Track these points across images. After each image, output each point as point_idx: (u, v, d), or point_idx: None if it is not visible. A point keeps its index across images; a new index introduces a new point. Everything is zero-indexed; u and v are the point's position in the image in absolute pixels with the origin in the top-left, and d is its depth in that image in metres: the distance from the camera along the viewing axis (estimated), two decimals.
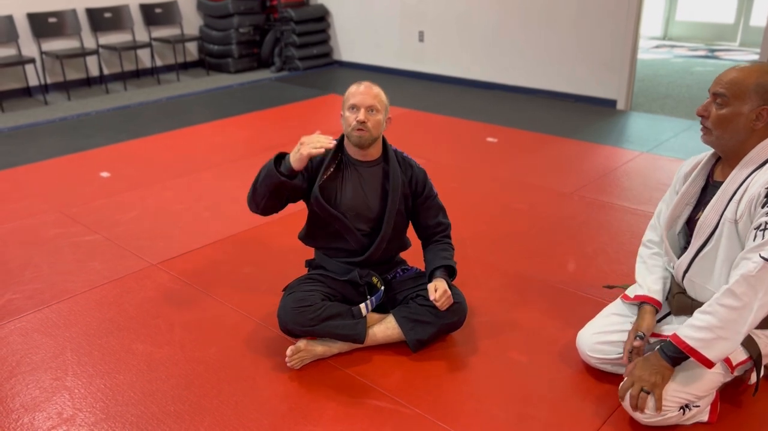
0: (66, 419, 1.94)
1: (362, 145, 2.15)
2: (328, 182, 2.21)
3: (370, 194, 2.23)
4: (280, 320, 2.14)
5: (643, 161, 4.14)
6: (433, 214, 2.31)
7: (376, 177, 2.23)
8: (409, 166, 2.28)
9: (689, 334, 1.70)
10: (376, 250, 2.23)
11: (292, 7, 7.05)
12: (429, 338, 2.19)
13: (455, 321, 2.21)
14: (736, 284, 1.64)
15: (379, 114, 2.14)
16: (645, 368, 1.76)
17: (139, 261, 2.90)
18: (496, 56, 6.09)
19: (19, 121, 5.29)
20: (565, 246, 3.00)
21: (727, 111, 1.71)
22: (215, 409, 1.96)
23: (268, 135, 4.84)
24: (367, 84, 2.17)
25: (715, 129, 1.75)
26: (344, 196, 2.21)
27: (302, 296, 2.14)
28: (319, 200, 2.17)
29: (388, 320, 2.21)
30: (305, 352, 2.13)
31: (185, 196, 3.66)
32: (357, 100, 2.12)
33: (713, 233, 1.78)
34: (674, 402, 1.74)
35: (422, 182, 2.28)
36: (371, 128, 2.12)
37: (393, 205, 2.21)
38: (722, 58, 7.56)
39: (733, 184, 1.75)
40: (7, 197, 3.68)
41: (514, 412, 1.94)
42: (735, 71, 1.72)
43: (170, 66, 7.05)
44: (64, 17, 6.13)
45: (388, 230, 2.23)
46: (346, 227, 2.21)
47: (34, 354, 2.26)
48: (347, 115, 2.14)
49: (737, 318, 1.64)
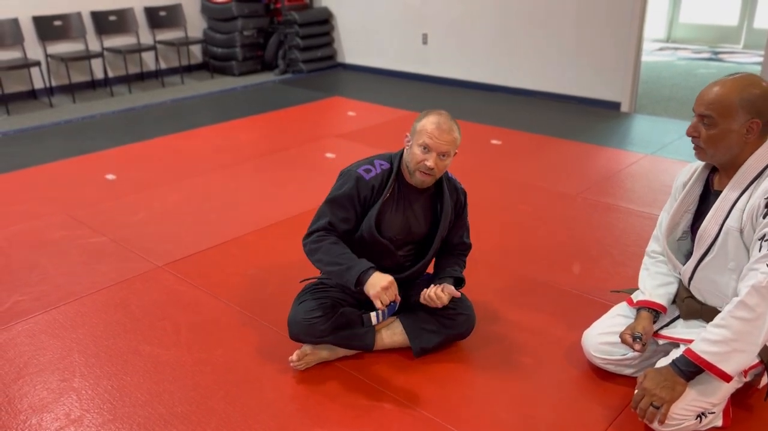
0: (74, 420, 1.95)
1: (422, 186, 2.09)
2: (383, 208, 2.10)
3: (418, 218, 2.16)
4: (291, 331, 2.11)
5: (647, 163, 4.14)
6: (459, 233, 2.27)
7: (425, 202, 2.17)
8: (454, 189, 2.21)
9: (705, 349, 1.69)
10: (415, 273, 2.21)
11: (295, 10, 7.07)
12: (434, 346, 2.19)
13: (462, 332, 2.22)
14: (748, 296, 1.64)
15: (449, 158, 2.03)
16: (656, 381, 1.74)
17: (146, 263, 2.92)
18: (499, 59, 6.09)
19: (25, 123, 5.32)
20: (569, 248, 3.00)
21: (716, 131, 1.71)
22: (222, 410, 1.97)
23: (273, 137, 4.85)
24: (448, 126, 1.99)
25: (708, 148, 1.74)
26: (393, 222, 2.12)
27: (313, 305, 2.09)
28: (372, 230, 2.07)
29: (395, 326, 2.21)
30: (312, 355, 2.14)
31: (191, 198, 3.68)
32: (432, 143, 1.97)
33: (714, 242, 1.79)
34: (691, 411, 1.73)
35: (464, 204, 2.25)
36: (437, 173, 2.03)
37: (442, 232, 2.17)
38: (726, 61, 7.55)
39: (733, 194, 1.76)
40: (13, 199, 3.69)
41: (521, 414, 1.95)
42: (716, 89, 1.70)
43: (174, 69, 7.07)
44: (70, 20, 6.16)
45: (433, 255, 2.22)
46: (390, 251, 2.14)
47: (41, 355, 2.27)
48: (416, 151, 2.00)
49: (752, 330, 1.64)
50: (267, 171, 4.10)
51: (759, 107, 1.67)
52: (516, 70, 6.01)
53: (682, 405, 1.72)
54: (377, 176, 2.08)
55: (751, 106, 1.67)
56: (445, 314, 2.17)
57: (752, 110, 1.67)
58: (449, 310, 2.16)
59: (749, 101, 1.66)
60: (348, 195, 2.06)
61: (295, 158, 4.33)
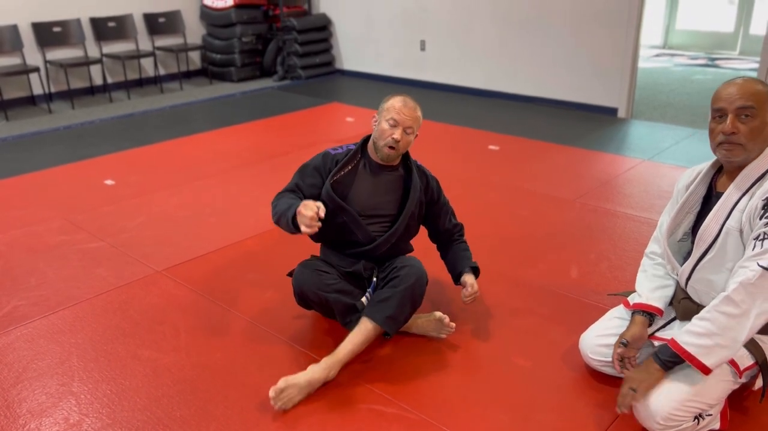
0: (72, 424, 1.95)
1: (388, 161, 2.27)
2: (344, 178, 2.27)
3: (386, 196, 2.31)
4: (296, 283, 2.22)
5: (644, 168, 4.16)
6: (446, 217, 2.45)
7: (392, 182, 2.33)
8: (423, 174, 2.40)
9: (688, 340, 1.71)
10: (385, 242, 2.28)
11: (294, 17, 7.10)
12: (397, 311, 2.12)
13: (412, 285, 2.14)
14: (735, 292, 1.65)
15: (412, 135, 2.25)
16: (638, 371, 1.81)
17: (145, 268, 2.92)
18: (497, 65, 6.12)
19: (24, 129, 5.32)
20: (567, 253, 3.01)
21: (758, 122, 1.71)
22: (221, 414, 1.98)
23: (271, 143, 4.87)
24: (413, 104, 2.25)
25: (748, 143, 1.72)
26: (359, 195, 2.28)
27: (322, 265, 2.25)
28: (329, 193, 2.23)
29: (360, 321, 2.16)
30: (290, 388, 1.99)
31: (190, 203, 3.68)
32: (399, 117, 2.20)
33: (714, 242, 1.80)
34: (689, 412, 1.74)
35: (436, 190, 2.42)
36: (401, 147, 2.23)
37: (410, 205, 2.30)
38: (722, 67, 7.59)
39: (735, 194, 1.77)
40: (12, 205, 3.70)
41: (519, 417, 1.95)
42: (742, 84, 1.73)
43: (173, 75, 7.09)
44: (69, 27, 6.18)
45: (401, 228, 2.30)
46: (355, 220, 2.25)
47: (40, 360, 2.27)
48: (384, 127, 2.21)
49: (735, 326, 1.66)
50: (266, 176, 4.11)
51: None
52: (513, 76, 6.04)
53: (677, 406, 1.73)
54: (342, 153, 2.33)
55: None
56: (390, 277, 2.19)
57: None
58: (393, 270, 2.20)
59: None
60: (314, 165, 2.32)
61: (293, 164, 4.32)
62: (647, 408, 1.76)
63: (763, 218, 1.66)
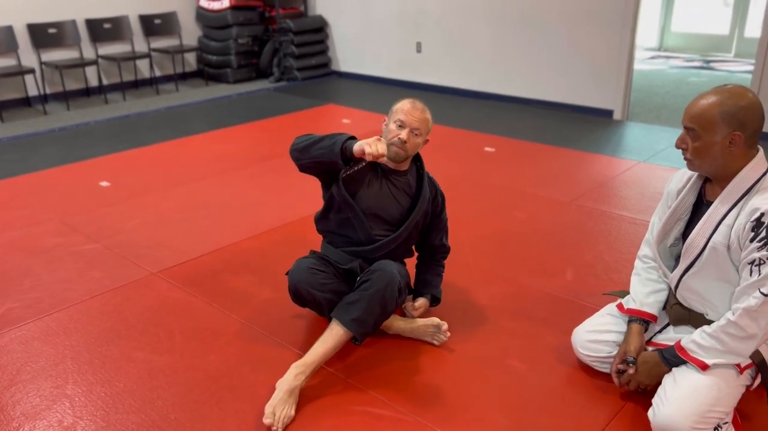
0: (66, 427, 1.94)
1: (395, 160, 2.30)
2: (356, 175, 2.29)
3: (393, 200, 2.33)
4: (292, 280, 2.21)
5: (639, 170, 4.16)
6: (440, 235, 2.48)
7: (401, 187, 2.35)
8: (434, 186, 2.44)
9: (696, 350, 1.78)
10: (385, 246, 2.29)
11: (290, 18, 7.10)
12: (364, 313, 2.07)
13: (382, 288, 2.09)
14: (740, 318, 1.70)
15: (420, 137, 2.29)
16: (644, 369, 1.92)
17: (139, 270, 2.91)
18: (493, 67, 6.13)
19: (19, 131, 5.31)
20: (563, 255, 3.01)
21: (700, 143, 1.75)
22: (215, 417, 1.97)
23: (267, 145, 4.86)
24: (421, 106, 2.29)
25: (695, 160, 1.79)
26: (367, 194, 2.29)
27: (318, 263, 2.24)
28: (339, 186, 2.26)
29: (330, 324, 2.13)
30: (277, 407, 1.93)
31: (185, 205, 3.68)
32: (406, 118, 2.25)
33: (700, 254, 1.82)
34: (710, 423, 1.75)
35: (441, 205, 2.46)
36: (409, 148, 2.27)
37: (416, 215, 2.32)
38: (717, 69, 7.62)
39: (722, 208, 1.78)
40: (7, 206, 3.68)
41: (515, 419, 1.95)
42: (700, 102, 1.74)
43: (169, 76, 7.08)
44: (64, 28, 6.16)
45: (403, 235, 2.31)
46: (359, 218, 2.27)
47: (34, 362, 2.26)
48: (392, 127, 2.27)
49: (741, 345, 1.73)
50: (261, 178, 4.10)
51: (741, 120, 1.69)
52: (509, 78, 6.05)
53: (698, 419, 1.72)
54: None
55: (732, 119, 1.70)
56: (362, 279, 2.16)
57: (733, 122, 1.70)
58: (367, 272, 2.17)
59: (730, 114, 1.69)
60: None
61: (289, 166, 4.32)
62: (669, 424, 1.75)
63: (755, 242, 1.67)
